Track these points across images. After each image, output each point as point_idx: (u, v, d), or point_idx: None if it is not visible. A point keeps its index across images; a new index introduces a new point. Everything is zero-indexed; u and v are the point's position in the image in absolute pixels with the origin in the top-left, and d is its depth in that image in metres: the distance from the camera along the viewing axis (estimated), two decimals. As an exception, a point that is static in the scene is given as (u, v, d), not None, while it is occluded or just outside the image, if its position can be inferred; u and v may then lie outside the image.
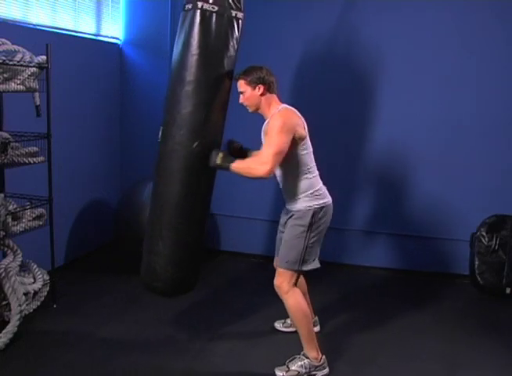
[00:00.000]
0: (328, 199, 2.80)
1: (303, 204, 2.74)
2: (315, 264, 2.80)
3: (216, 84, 2.67)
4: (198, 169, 2.70)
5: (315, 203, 2.74)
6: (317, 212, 2.73)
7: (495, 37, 3.98)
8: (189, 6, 2.61)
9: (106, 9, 4.45)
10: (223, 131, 2.83)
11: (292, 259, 2.73)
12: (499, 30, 3.97)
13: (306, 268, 2.77)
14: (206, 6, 2.57)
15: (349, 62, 4.21)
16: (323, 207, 2.75)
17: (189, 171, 2.68)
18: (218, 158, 2.67)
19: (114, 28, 4.56)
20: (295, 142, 2.65)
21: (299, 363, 2.77)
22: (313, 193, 2.74)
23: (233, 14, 2.64)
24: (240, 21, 2.70)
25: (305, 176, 2.74)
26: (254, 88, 2.70)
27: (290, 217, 2.80)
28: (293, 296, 2.75)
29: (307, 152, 2.73)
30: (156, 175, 2.80)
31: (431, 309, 3.70)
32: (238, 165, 2.64)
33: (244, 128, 3.29)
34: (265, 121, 2.78)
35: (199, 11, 2.57)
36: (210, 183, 2.84)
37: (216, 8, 2.58)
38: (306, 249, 2.73)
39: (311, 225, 2.71)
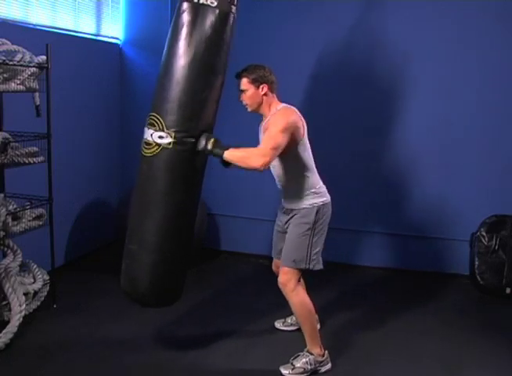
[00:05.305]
0: (328, 197, 2.83)
1: (307, 202, 2.75)
2: (320, 265, 2.82)
3: (207, 78, 2.56)
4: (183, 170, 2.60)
5: (319, 200, 2.76)
6: (320, 209, 2.76)
7: (496, 36, 3.97)
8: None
9: (106, 9, 4.45)
10: (213, 129, 2.76)
11: (299, 258, 2.74)
12: (499, 30, 3.97)
13: (315, 267, 2.78)
14: (202, 0, 2.48)
15: (350, 62, 4.21)
16: (325, 204, 2.78)
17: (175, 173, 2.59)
18: (210, 143, 2.50)
19: (114, 28, 4.56)
20: (295, 140, 2.65)
21: (304, 360, 2.77)
22: (315, 191, 2.76)
23: (232, 9, 2.55)
24: (234, 16, 2.59)
25: (306, 174, 2.75)
26: (258, 88, 2.68)
27: (293, 216, 2.80)
28: (299, 294, 2.77)
29: (306, 151, 2.74)
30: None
31: (431, 309, 3.70)
32: (233, 153, 2.52)
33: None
34: (261, 120, 2.79)
35: (193, 4, 2.49)
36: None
37: (215, 3, 2.48)
38: (312, 247, 2.74)
39: (315, 222, 2.74)
